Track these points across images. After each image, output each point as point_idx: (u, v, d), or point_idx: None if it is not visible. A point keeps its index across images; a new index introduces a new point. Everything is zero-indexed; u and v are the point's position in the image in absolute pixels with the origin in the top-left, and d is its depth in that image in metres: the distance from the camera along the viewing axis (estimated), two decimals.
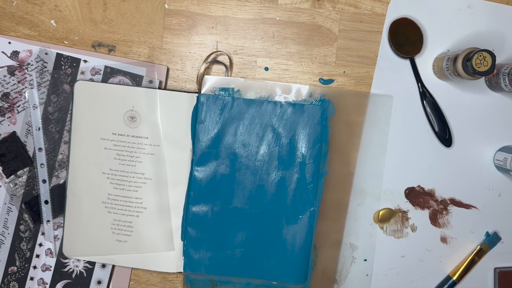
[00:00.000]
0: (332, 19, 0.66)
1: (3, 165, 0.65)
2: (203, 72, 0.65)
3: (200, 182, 0.64)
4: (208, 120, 0.63)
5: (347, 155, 0.66)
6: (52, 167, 0.66)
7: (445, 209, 0.67)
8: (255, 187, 0.64)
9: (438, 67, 0.64)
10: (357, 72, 0.66)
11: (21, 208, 0.66)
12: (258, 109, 0.63)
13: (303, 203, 0.63)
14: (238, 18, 0.66)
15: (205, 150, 0.63)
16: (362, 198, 0.67)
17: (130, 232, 0.65)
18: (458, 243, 0.68)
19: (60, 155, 0.66)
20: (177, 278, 0.68)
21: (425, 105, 0.66)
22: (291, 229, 0.64)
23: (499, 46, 0.66)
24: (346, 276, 0.67)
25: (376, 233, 0.67)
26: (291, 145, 0.63)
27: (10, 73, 0.65)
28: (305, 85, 0.65)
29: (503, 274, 0.67)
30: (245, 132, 0.63)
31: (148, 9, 0.66)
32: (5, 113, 0.65)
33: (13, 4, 0.66)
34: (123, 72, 0.65)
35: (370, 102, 0.66)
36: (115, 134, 0.64)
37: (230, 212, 0.64)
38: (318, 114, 0.63)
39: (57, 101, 0.65)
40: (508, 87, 0.61)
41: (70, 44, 0.66)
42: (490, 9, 0.65)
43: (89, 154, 0.64)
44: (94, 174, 0.65)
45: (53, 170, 0.66)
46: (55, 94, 0.65)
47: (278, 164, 0.63)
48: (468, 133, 0.66)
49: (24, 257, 0.66)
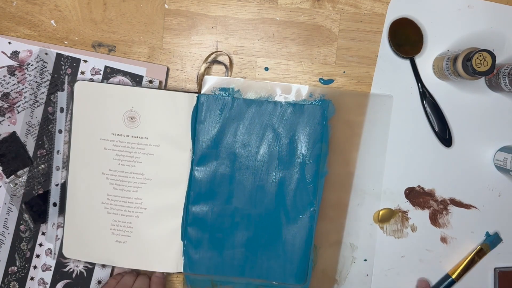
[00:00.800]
0: (332, 19, 0.66)
1: (3, 165, 0.65)
2: (203, 72, 0.65)
3: (200, 182, 0.64)
4: (208, 120, 0.63)
5: (347, 155, 0.66)
6: (52, 167, 0.66)
7: (445, 209, 0.67)
8: (255, 187, 0.63)
9: (438, 67, 0.64)
10: (357, 72, 0.66)
11: (21, 208, 0.66)
12: (258, 109, 0.63)
13: (303, 203, 0.63)
14: (238, 18, 0.66)
15: (205, 150, 0.63)
16: (362, 198, 0.67)
17: (129, 233, 0.65)
18: (458, 243, 0.68)
19: (60, 155, 0.66)
20: (177, 278, 0.68)
21: (425, 105, 0.66)
22: (291, 229, 0.64)
23: (499, 46, 0.66)
24: (346, 276, 0.67)
25: (376, 233, 0.67)
26: (291, 145, 0.63)
27: (10, 73, 0.65)
28: (305, 85, 0.65)
29: (503, 274, 0.67)
30: (245, 132, 0.63)
31: (148, 9, 0.66)
32: (5, 113, 0.65)
33: (13, 4, 0.66)
34: (123, 72, 0.65)
35: (370, 102, 0.66)
36: (114, 135, 0.64)
37: (230, 212, 0.64)
38: (318, 114, 0.63)
39: (57, 101, 0.65)
40: (508, 87, 0.61)
41: (70, 44, 0.66)
42: (490, 9, 0.65)
43: (88, 155, 0.64)
44: (94, 174, 0.65)
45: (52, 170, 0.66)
46: (55, 94, 0.65)
47: (278, 164, 0.63)
48: (468, 133, 0.66)
49: (24, 257, 0.66)
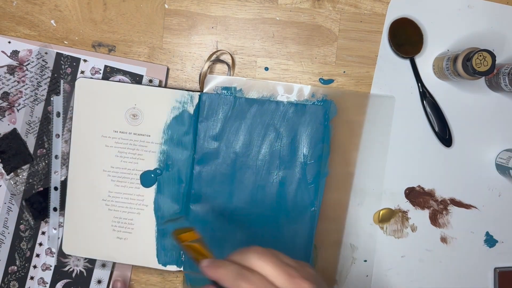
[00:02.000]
0: (332, 19, 0.66)
1: (4, 162, 0.65)
2: (206, 71, 0.65)
3: (201, 181, 0.63)
4: (210, 119, 0.63)
5: (347, 155, 0.66)
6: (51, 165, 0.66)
7: (445, 209, 0.67)
8: (256, 186, 0.63)
9: (438, 67, 0.64)
10: (357, 72, 0.66)
11: (21, 205, 0.65)
12: (260, 108, 0.63)
13: (304, 203, 0.63)
14: (238, 18, 0.66)
15: (207, 149, 0.63)
16: (362, 198, 0.67)
17: (131, 230, 0.65)
18: (458, 243, 0.68)
19: (58, 160, 0.65)
20: (177, 278, 0.68)
21: (425, 105, 0.66)
22: (291, 229, 0.63)
23: (499, 46, 0.66)
24: (346, 276, 0.67)
25: (376, 233, 0.67)
26: (292, 145, 0.63)
27: (10, 72, 0.65)
28: (307, 85, 0.65)
29: (503, 274, 0.67)
30: (247, 132, 0.63)
31: (148, 9, 0.66)
32: (5, 112, 0.65)
33: (13, 4, 0.66)
34: (123, 72, 0.65)
35: (372, 102, 0.66)
36: (116, 132, 0.64)
37: (230, 212, 0.64)
38: (320, 114, 0.63)
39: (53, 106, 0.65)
40: (508, 87, 0.61)
41: (70, 44, 0.66)
42: (490, 9, 0.65)
43: (89, 152, 0.64)
44: (95, 171, 0.64)
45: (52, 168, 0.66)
46: (55, 93, 0.65)
47: (280, 164, 0.63)
48: (468, 133, 0.66)
49: (24, 257, 0.66)
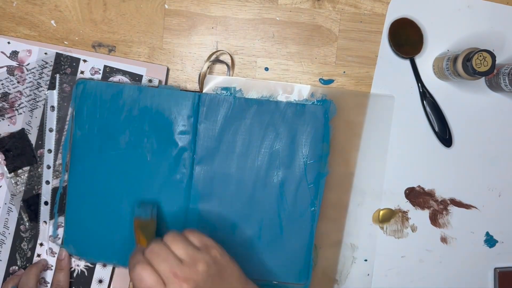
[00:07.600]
0: (332, 19, 0.66)
1: (7, 159, 0.65)
2: (206, 71, 0.65)
3: (200, 181, 0.63)
4: (209, 119, 0.63)
5: (348, 155, 0.66)
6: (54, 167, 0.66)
7: (445, 209, 0.67)
8: (256, 186, 0.63)
9: (438, 67, 0.64)
10: (357, 72, 0.66)
11: (20, 207, 0.65)
12: (259, 108, 0.63)
13: (304, 203, 0.63)
14: (238, 18, 0.66)
15: (206, 150, 0.63)
16: (362, 198, 0.67)
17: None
18: (458, 243, 0.68)
19: (60, 154, 0.65)
20: None
21: (425, 105, 0.66)
22: (291, 229, 0.64)
23: (499, 46, 0.66)
24: (346, 276, 0.67)
25: (377, 233, 0.67)
26: (292, 145, 0.63)
27: (10, 73, 0.65)
28: (307, 85, 0.65)
29: (503, 274, 0.67)
30: (247, 132, 0.63)
31: (148, 9, 0.66)
32: (4, 113, 0.65)
33: (13, 5, 0.66)
34: (123, 72, 0.65)
35: (371, 102, 0.66)
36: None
37: (230, 212, 0.64)
38: (320, 114, 0.63)
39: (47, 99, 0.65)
40: (508, 87, 0.61)
41: (70, 44, 0.66)
42: (490, 9, 0.65)
43: (90, 153, 0.64)
44: (95, 173, 0.64)
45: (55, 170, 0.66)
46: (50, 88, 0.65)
47: (279, 164, 0.63)
48: (468, 133, 0.66)
49: (25, 257, 0.66)
